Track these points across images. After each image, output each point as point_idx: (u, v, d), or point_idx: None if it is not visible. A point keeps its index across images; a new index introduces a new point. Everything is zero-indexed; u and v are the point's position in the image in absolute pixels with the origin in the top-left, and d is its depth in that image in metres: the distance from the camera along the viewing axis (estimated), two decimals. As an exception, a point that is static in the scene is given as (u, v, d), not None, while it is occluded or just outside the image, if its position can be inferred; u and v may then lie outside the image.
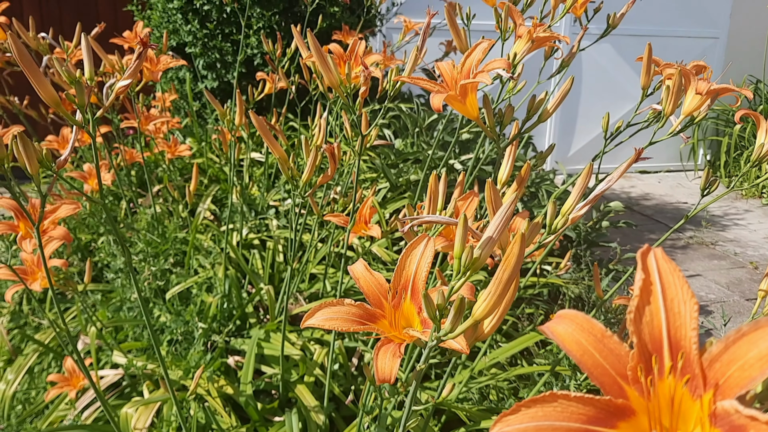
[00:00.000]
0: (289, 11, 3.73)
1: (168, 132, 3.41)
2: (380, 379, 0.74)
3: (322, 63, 1.08)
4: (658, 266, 0.49)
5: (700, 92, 1.51)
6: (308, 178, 1.17)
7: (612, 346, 0.48)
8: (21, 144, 0.83)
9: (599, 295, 1.79)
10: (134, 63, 0.92)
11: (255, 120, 1.10)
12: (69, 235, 1.27)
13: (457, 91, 1.04)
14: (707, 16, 6.14)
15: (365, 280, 0.85)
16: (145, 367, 1.81)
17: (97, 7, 5.39)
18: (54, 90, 0.85)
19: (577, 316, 0.49)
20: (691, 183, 6.17)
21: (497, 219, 0.73)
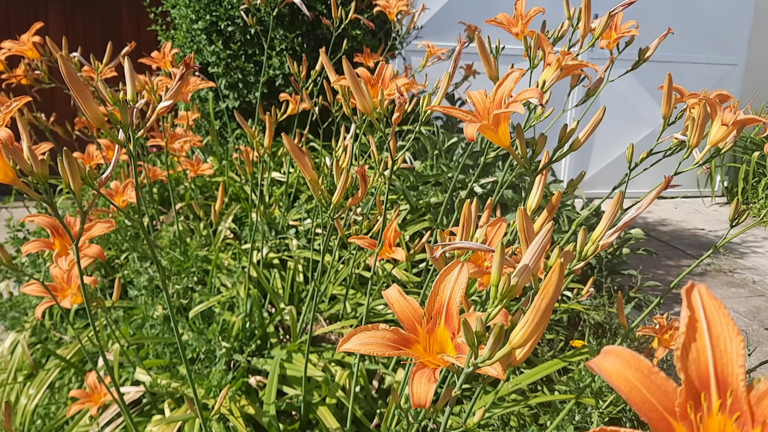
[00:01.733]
0: (312, 33, 3.78)
1: (190, 150, 3.46)
2: (416, 404, 0.75)
3: (356, 89, 1.10)
4: (703, 303, 0.50)
5: (726, 123, 1.51)
6: (339, 200, 1.18)
7: (659, 382, 0.48)
8: (66, 162, 0.86)
9: (623, 324, 1.79)
10: (176, 84, 0.95)
11: (288, 143, 1.12)
12: (103, 253, 1.29)
13: (490, 121, 1.06)
14: (725, 44, 6.15)
15: (399, 305, 0.86)
16: (170, 385, 1.82)
17: (122, 25, 5.49)
18: (99, 110, 0.88)
19: (624, 352, 0.50)
20: (708, 209, 6.15)
21: (533, 248, 0.74)
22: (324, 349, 2.10)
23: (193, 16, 3.79)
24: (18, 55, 2.52)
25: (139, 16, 5.38)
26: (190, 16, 3.81)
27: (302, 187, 3.44)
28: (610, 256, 2.90)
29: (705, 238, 5.24)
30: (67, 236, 1.34)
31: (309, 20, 3.70)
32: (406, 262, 2.59)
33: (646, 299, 2.90)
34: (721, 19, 6.07)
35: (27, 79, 2.71)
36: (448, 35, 4.92)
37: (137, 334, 2.17)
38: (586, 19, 1.66)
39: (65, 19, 5.30)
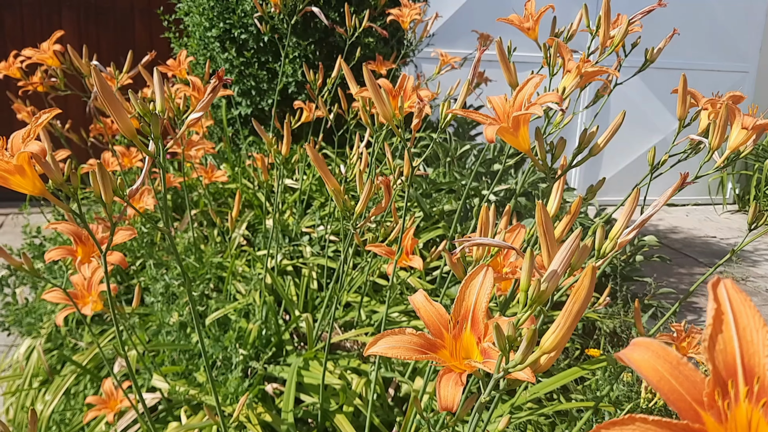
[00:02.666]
0: (324, 41, 3.80)
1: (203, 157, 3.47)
2: (443, 407, 0.75)
3: (378, 99, 1.11)
4: (729, 296, 0.51)
5: (746, 127, 1.51)
6: (362, 210, 1.19)
7: (687, 372, 0.50)
8: (99, 174, 0.86)
9: (640, 332, 1.78)
10: (208, 96, 0.95)
11: (312, 153, 1.13)
12: (124, 260, 1.30)
13: (510, 124, 1.06)
14: (737, 51, 6.14)
15: (426, 310, 0.87)
16: (187, 392, 1.83)
17: (134, 33, 5.53)
18: (131, 123, 0.89)
19: (653, 343, 0.51)
20: (719, 217, 6.12)
21: (562, 253, 0.74)
22: (339, 356, 2.10)
23: (206, 23, 3.82)
24: (33, 63, 2.54)
25: (151, 23, 5.42)
26: (203, 23, 3.83)
27: (314, 194, 3.45)
28: (623, 264, 2.90)
29: (717, 246, 5.22)
30: (89, 244, 1.35)
31: (322, 28, 3.72)
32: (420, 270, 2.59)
33: (660, 306, 2.89)
34: (732, 26, 6.06)
35: (43, 86, 2.74)
36: (459, 42, 4.94)
37: (153, 340, 2.18)
38: (606, 27, 1.66)
39: (79, 27, 5.34)
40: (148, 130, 0.96)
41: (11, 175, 0.84)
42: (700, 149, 1.64)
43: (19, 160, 0.82)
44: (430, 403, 1.62)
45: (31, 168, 0.86)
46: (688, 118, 1.73)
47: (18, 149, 0.83)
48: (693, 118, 1.71)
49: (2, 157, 0.82)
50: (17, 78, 2.74)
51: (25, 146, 0.81)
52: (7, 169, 0.83)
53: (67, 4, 5.28)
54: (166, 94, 1.96)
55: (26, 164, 0.84)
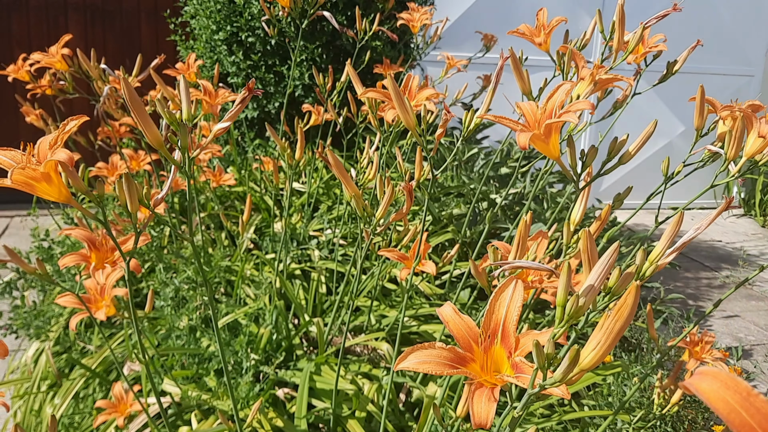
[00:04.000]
0: (331, 44, 3.80)
1: (209, 160, 3.47)
2: (477, 424, 0.74)
3: (401, 105, 1.10)
4: None
5: (763, 135, 1.50)
6: (383, 215, 1.18)
7: (759, 405, 0.48)
8: (125, 184, 0.86)
9: (653, 337, 1.77)
10: (237, 107, 0.94)
11: (332, 158, 1.12)
12: (139, 266, 1.29)
13: (542, 131, 1.05)
14: (742, 55, 6.14)
15: (454, 323, 0.86)
16: (200, 397, 1.82)
17: (140, 35, 5.52)
18: (158, 133, 0.88)
19: (720, 373, 0.50)
20: (725, 221, 6.11)
21: (600, 267, 0.73)
22: (350, 361, 2.10)
23: (213, 26, 3.81)
24: (42, 66, 2.53)
25: (158, 26, 5.42)
26: (210, 26, 3.83)
27: (321, 198, 3.44)
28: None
29: (723, 250, 5.21)
30: (103, 250, 1.34)
31: (329, 31, 3.71)
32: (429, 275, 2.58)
33: (670, 312, 2.88)
34: (738, 30, 6.06)
35: (51, 89, 2.73)
36: (464, 45, 4.93)
37: (163, 344, 2.17)
38: (620, 34, 1.66)
39: (85, 29, 5.33)
40: (174, 140, 0.95)
41: (38, 183, 0.84)
42: (718, 158, 1.63)
43: (46, 168, 0.81)
44: (445, 410, 1.61)
45: (57, 175, 0.85)
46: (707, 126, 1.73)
47: (45, 157, 0.82)
48: (711, 127, 1.70)
49: (29, 165, 0.81)
50: (25, 81, 2.73)
51: (53, 154, 0.80)
52: (34, 177, 0.83)
53: (73, 7, 5.27)
54: (177, 97, 1.96)
55: (53, 172, 0.84)
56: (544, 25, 1.98)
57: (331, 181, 3.53)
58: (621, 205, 1.23)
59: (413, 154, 3.40)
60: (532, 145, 1.11)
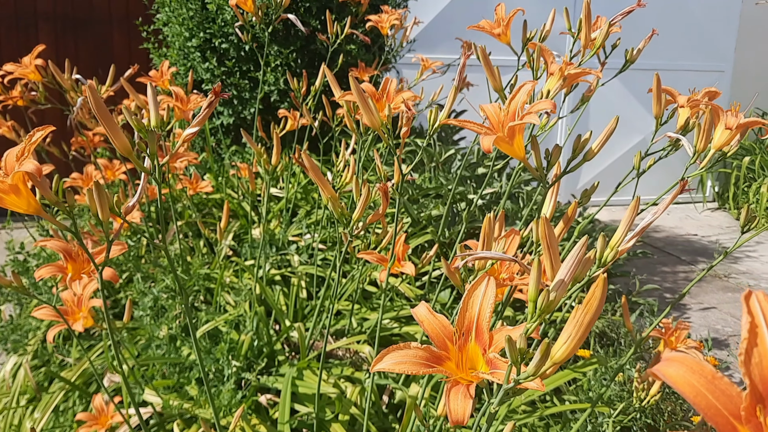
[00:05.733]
0: (306, 49, 3.80)
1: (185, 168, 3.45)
2: (454, 421, 0.75)
3: (364, 105, 1.11)
4: (762, 308, 0.51)
5: (730, 127, 1.53)
6: (359, 217, 1.19)
7: (723, 387, 0.50)
8: (96, 192, 0.85)
9: (629, 328, 1.80)
10: (204, 111, 0.94)
11: (307, 161, 1.12)
12: (116, 276, 1.28)
13: (505, 133, 1.07)
14: (713, 50, 6.23)
15: (429, 322, 0.86)
16: (181, 406, 1.81)
17: (113, 43, 5.48)
18: (126, 140, 0.88)
19: (686, 358, 0.51)
20: (700, 215, 6.19)
21: (569, 262, 0.74)
22: (332, 365, 2.10)
23: (186, 33, 3.79)
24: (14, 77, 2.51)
25: (130, 34, 5.38)
26: (183, 33, 3.81)
27: (300, 203, 3.44)
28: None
29: (698, 244, 5.28)
30: (79, 260, 1.33)
31: (303, 36, 3.71)
32: (409, 276, 2.59)
33: (647, 304, 2.91)
34: (708, 26, 6.15)
35: (23, 100, 2.70)
36: (439, 48, 4.95)
37: (143, 354, 2.15)
38: (587, 30, 1.68)
39: (56, 39, 5.28)
40: (143, 146, 0.95)
41: (6, 195, 0.83)
42: (679, 146, 1.66)
43: (14, 180, 0.81)
44: (427, 410, 1.62)
45: (25, 187, 0.84)
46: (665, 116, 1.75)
47: (12, 168, 0.81)
48: (670, 116, 1.73)
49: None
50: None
51: (20, 165, 0.80)
52: (1, 189, 0.82)
53: (44, 17, 5.22)
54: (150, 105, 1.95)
55: (21, 183, 0.83)
56: (503, 18, 2.00)
57: (309, 186, 3.53)
58: (588, 201, 1.24)
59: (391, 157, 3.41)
60: (496, 146, 1.12)
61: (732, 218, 6.09)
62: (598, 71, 1.60)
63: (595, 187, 1.26)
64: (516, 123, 1.06)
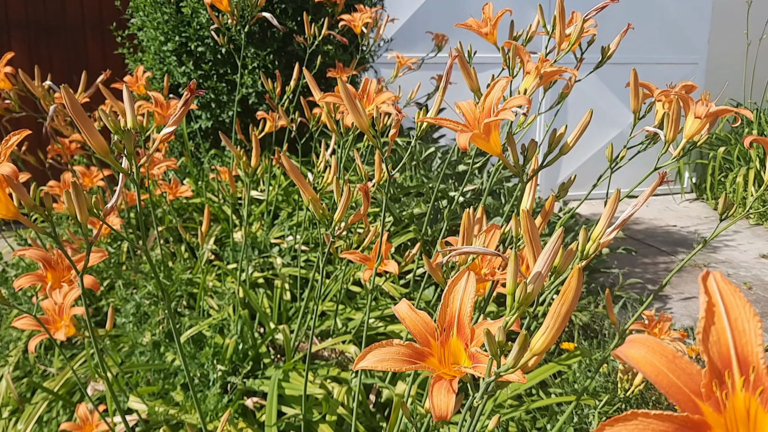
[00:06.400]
0: (283, 50, 3.79)
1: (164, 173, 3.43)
2: (438, 416, 0.75)
3: (352, 107, 1.11)
4: (719, 288, 0.52)
5: (699, 116, 1.55)
6: (341, 217, 1.19)
7: (683, 366, 0.51)
8: (74, 194, 0.85)
9: (613, 321, 1.81)
10: (180, 110, 0.94)
11: (287, 163, 1.12)
12: (97, 283, 1.27)
13: (481, 130, 1.07)
14: (687, 43, 6.29)
15: (411, 319, 0.87)
16: (167, 412, 1.80)
17: (87, 50, 5.43)
18: (103, 140, 0.87)
19: (648, 339, 0.52)
20: (678, 206, 6.26)
21: (545, 254, 0.75)
22: (318, 366, 2.10)
23: (162, 37, 3.77)
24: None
25: (104, 40, 5.34)
26: (158, 38, 3.78)
27: (281, 205, 3.43)
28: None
29: (678, 235, 5.34)
30: (59, 269, 1.32)
31: (280, 37, 3.70)
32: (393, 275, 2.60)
33: (629, 297, 2.94)
34: (681, 19, 6.21)
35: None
36: (416, 46, 4.96)
37: (127, 362, 2.14)
38: (561, 27, 1.69)
39: (29, 46, 5.23)
40: (120, 147, 0.94)
41: (-18, 204, 0.82)
42: (657, 140, 1.68)
43: (-10, 188, 0.80)
44: (414, 408, 1.62)
45: (3, 192, 0.84)
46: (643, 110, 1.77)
47: (-13, 177, 0.81)
48: (647, 110, 1.75)
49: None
50: (-31, 102, 2.67)
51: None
52: (-23, 198, 0.81)
53: (16, 25, 5.16)
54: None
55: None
56: (490, 17, 2.01)
57: (290, 188, 3.52)
58: (566, 195, 1.25)
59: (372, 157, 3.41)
60: (473, 143, 1.13)
61: (710, 208, 6.17)
62: (573, 69, 1.62)
63: (572, 180, 1.27)
64: (491, 119, 1.07)
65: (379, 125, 1.37)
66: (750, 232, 5.44)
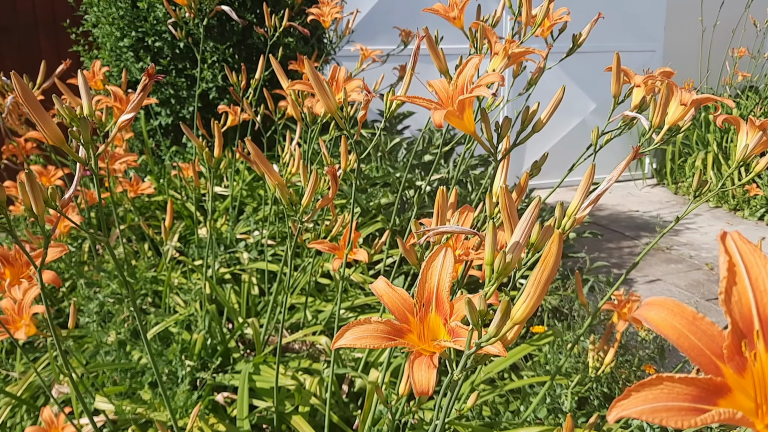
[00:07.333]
0: (243, 44, 3.73)
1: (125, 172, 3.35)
2: (419, 392, 0.74)
3: (321, 90, 1.09)
4: (738, 248, 0.51)
5: (684, 103, 1.57)
6: (309, 202, 1.16)
7: (704, 327, 0.50)
8: (29, 185, 0.81)
9: (583, 302, 1.83)
10: (138, 95, 0.91)
11: (251, 147, 1.09)
12: (58, 279, 1.23)
13: (455, 107, 1.06)
14: (644, 31, 6.38)
15: (389, 296, 0.85)
16: (135, 410, 1.75)
17: (40, 49, 5.29)
18: (57, 129, 0.83)
19: (667, 301, 0.51)
20: (640, 192, 6.35)
21: (523, 223, 0.74)
22: (289, 358, 2.07)
23: (117, 33, 3.68)
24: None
25: (58, 38, 5.20)
26: (114, 33, 3.70)
27: (246, 200, 3.38)
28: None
29: (641, 219, 5.42)
30: (17, 265, 1.27)
31: (240, 30, 3.64)
32: (362, 266, 2.58)
33: (596, 279, 2.97)
34: (638, 7, 6.29)
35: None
36: (378, 38, 4.94)
37: (91, 362, 2.08)
38: (527, 9, 1.69)
39: (-21, 45, 5.07)
40: (77, 135, 0.90)
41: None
42: (633, 124, 1.69)
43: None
44: (389, 394, 1.61)
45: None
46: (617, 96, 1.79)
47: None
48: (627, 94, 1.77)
49: None
50: None
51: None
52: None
53: (-35, 24, 5.01)
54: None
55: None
56: (456, 2, 2.00)
57: (255, 183, 3.48)
58: (539, 173, 1.25)
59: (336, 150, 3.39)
60: (447, 121, 1.12)
61: (670, 193, 6.27)
62: (542, 51, 1.62)
63: (545, 157, 1.26)
64: (466, 96, 1.06)
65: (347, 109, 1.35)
66: (710, 214, 5.55)
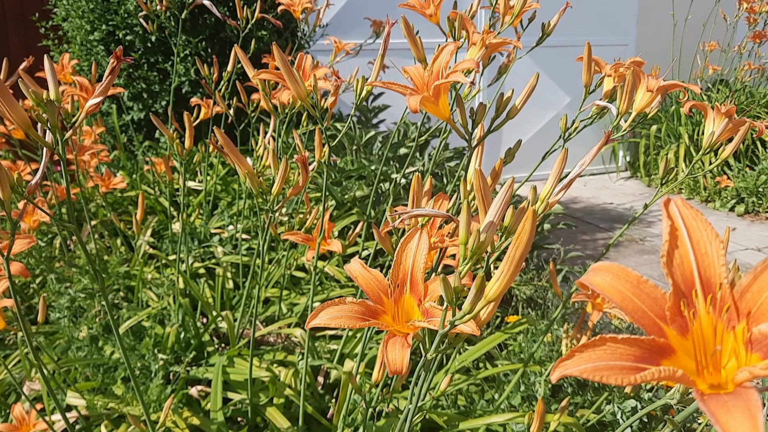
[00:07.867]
0: (215, 37, 3.70)
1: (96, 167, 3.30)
2: (393, 371, 0.73)
3: (290, 75, 1.08)
4: (681, 213, 0.52)
5: (651, 89, 1.58)
6: (279, 190, 1.15)
7: (648, 290, 0.51)
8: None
9: (557, 291, 1.84)
10: (107, 79, 0.89)
11: (221, 136, 1.08)
12: (26, 271, 1.20)
13: (431, 93, 1.06)
14: (616, 25, 6.44)
15: (363, 277, 0.85)
16: (106, 405, 1.73)
17: (9, 43, 5.19)
18: (25, 114, 0.81)
19: (612, 266, 0.52)
20: (614, 184, 6.42)
21: (497, 203, 0.74)
22: (264, 351, 2.05)
23: (87, 27, 3.63)
24: None
25: (27, 33, 5.11)
26: (84, 27, 3.64)
27: (220, 194, 3.35)
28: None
29: (614, 212, 5.47)
30: (-17, 255, 1.24)
31: (212, 24, 3.61)
32: (337, 259, 2.57)
33: (571, 270, 2.99)
34: (611, 1, 6.35)
35: None
36: (353, 32, 4.92)
37: (63, 358, 2.05)
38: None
39: (-56, 41, 4.96)
40: (43, 120, 0.88)
41: None
42: (604, 113, 1.70)
43: None
44: (363, 382, 1.60)
45: None
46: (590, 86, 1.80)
47: None
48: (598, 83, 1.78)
49: None
50: None
51: None
52: None
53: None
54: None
55: None
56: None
57: (229, 177, 3.45)
58: (512, 160, 1.25)
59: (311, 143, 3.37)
60: (422, 107, 1.12)
61: (644, 185, 6.34)
62: (518, 43, 1.62)
63: (518, 144, 1.27)
64: (442, 81, 1.06)
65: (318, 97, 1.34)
66: (681, 207, 5.62)
